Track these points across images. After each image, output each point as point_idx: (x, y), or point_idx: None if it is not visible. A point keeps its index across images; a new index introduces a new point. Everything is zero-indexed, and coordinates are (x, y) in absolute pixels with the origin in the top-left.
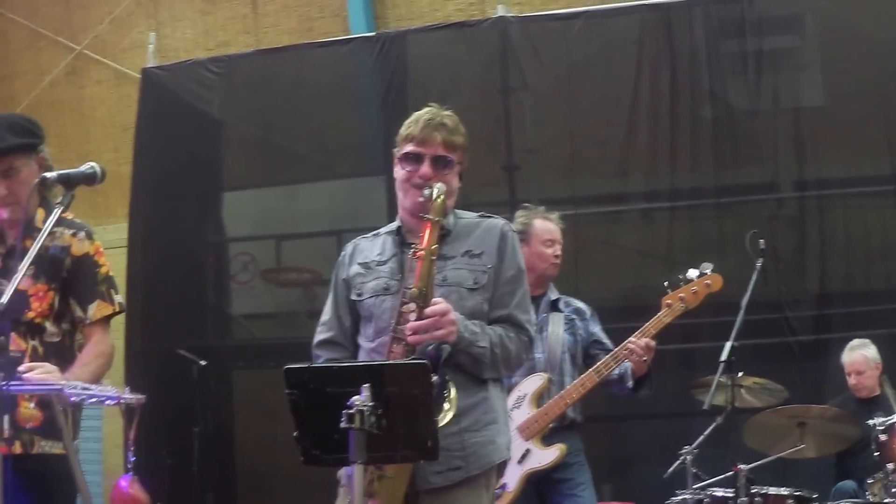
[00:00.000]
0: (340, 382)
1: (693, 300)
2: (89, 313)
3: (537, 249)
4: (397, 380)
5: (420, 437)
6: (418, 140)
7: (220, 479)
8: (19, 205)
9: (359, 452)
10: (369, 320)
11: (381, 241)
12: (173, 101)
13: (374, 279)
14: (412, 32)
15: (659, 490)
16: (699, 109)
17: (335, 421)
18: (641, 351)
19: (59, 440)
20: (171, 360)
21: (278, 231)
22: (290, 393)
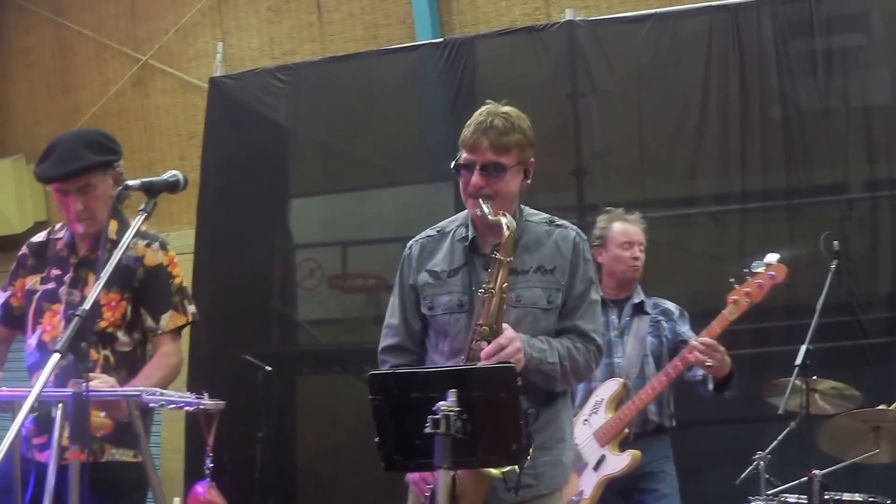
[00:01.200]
0: (425, 387)
1: (758, 294)
2: (161, 323)
3: (615, 253)
4: (483, 384)
5: (505, 441)
6: (469, 147)
7: (281, 484)
8: (94, 220)
9: (444, 457)
10: (444, 336)
11: (448, 246)
12: (240, 110)
13: (447, 293)
14: (480, 38)
15: (731, 497)
16: (768, 110)
17: (418, 426)
18: (702, 353)
19: (129, 448)
20: (235, 365)
21: (345, 237)
22: (373, 398)
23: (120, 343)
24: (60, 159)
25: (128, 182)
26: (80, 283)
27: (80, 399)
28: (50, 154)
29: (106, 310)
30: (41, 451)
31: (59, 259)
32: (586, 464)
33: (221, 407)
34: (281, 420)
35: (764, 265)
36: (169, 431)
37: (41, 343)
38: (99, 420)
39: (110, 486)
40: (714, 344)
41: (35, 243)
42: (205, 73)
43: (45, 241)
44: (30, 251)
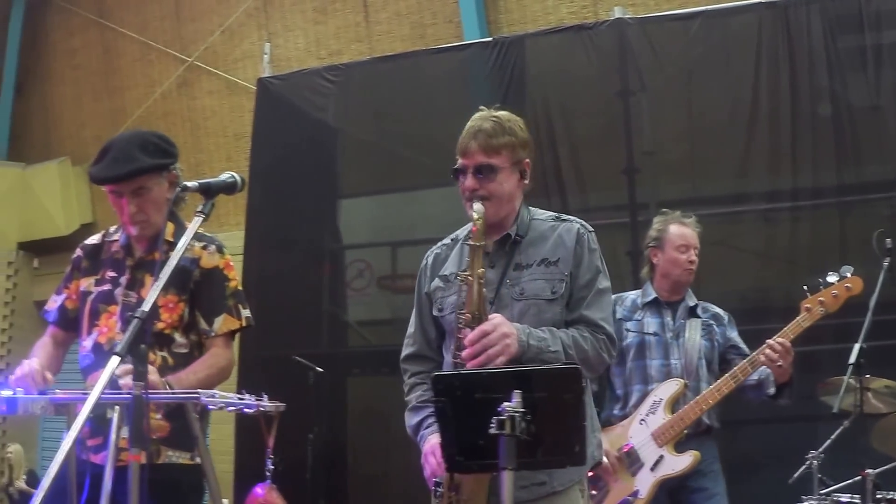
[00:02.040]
0: (488, 388)
1: (833, 304)
2: (214, 326)
3: (671, 255)
4: (547, 384)
5: (569, 442)
6: (461, 151)
7: (332, 485)
8: (148, 222)
9: (509, 458)
10: (452, 336)
11: (458, 250)
12: (288, 110)
13: (454, 294)
14: (529, 37)
15: (783, 496)
16: (819, 107)
17: (481, 427)
18: (777, 355)
19: (185, 450)
20: (285, 366)
21: (394, 238)
22: (437, 400)
23: (177, 345)
24: (115, 161)
25: (185, 183)
26: (137, 285)
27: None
28: (105, 155)
29: (163, 311)
30: (96, 452)
31: (115, 261)
32: (643, 464)
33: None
34: (331, 421)
35: (840, 276)
36: (217, 433)
37: (97, 345)
38: (156, 422)
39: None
40: (790, 347)
41: (89, 245)
42: (251, 73)
43: (99, 243)
44: (84, 253)
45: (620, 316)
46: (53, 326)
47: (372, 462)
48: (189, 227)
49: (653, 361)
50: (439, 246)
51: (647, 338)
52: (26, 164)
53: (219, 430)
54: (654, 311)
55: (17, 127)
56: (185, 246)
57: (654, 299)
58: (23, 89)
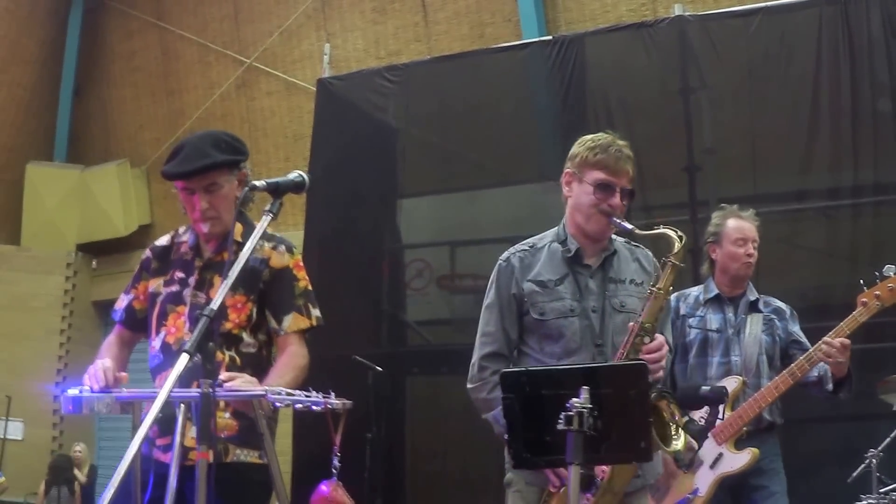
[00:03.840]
0: (556, 385)
1: (890, 297)
2: (284, 325)
3: (729, 250)
4: (614, 381)
5: (634, 438)
6: (612, 170)
7: (390, 484)
8: (219, 219)
9: (576, 454)
10: (556, 340)
11: (547, 258)
12: (348, 110)
13: (557, 300)
14: (589, 35)
15: (842, 495)
16: (879, 103)
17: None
18: (836, 351)
19: (253, 449)
20: (345, 366)
21: (453, 238)
22: (505, 397)
23: (245, 344)
24: (187, 158)
25: (254, 182)
26: (206, 286)
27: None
28: (177, 153)
29: (231, 311)
30: (164, 451)
31: (184, 262)
32: (702, 462)
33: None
34: (390, 420)
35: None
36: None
37: (165, 345)
38: (224, 421)
39: (235, 487)
40: (849, 344)
41: (159, 247)
42: (310, 74)
43: (168, 244)
44: (153, 254)
45: (684, 312)
46: (120, 326)
47: (430, 461)
48: (258, 227)
49: (713, 359)
50: (518, 251)
51: (710, 334)
52: (85, 167)
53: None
54: (717, 307)
55: (77, 129)
56: (254, 245)
57: (716, 295)
58: (81, 92)
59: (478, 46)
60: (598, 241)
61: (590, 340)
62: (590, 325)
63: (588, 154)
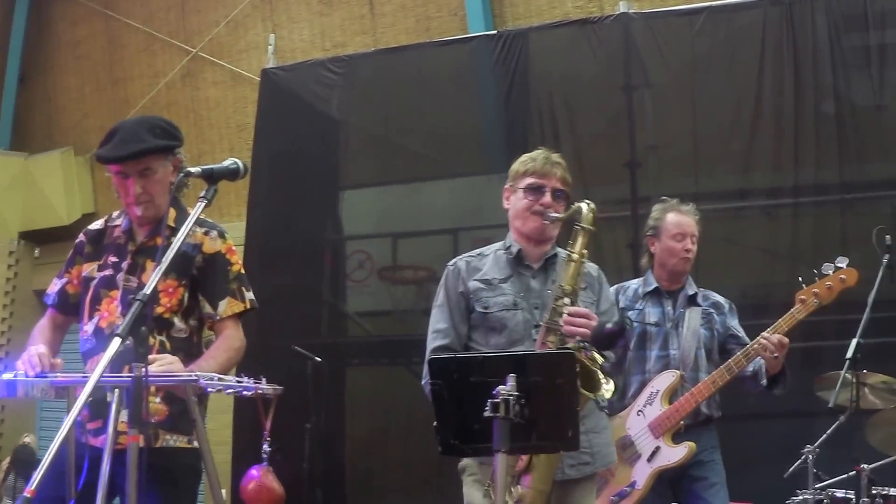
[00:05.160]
0: (484, 372)
1: (827, 295)
2: (219, 310)
3: (667, 244)
4: (542, 369)
5: (562, 426)
6: (540, 174)
7: (329, 474)
8: (153, 203)
9: (503, 441)
10: (499, 331)
11: (492, 261)
12: (292, 101)
13: (501, 295)
14: (533, 30)
15: (779, 490)
16: (822, 105)
17: (477, 411)
18: (773, 347)
19: (183, 434)
20: (285, 356)
21: (395, 229)
22: (433, 383)
23: (176, 329)
24: (122, 142)
25: (188, 168)
26: (138, 270)
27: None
28: (112, 137)
29: (163, 296)
30: (95, 435)
31: (117, 246)
32: (640, 455)
33: (279, 392)
34: (329, 411)
35: (835, 267)
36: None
37: (98, 329)
38: (154, 406)
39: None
40: (786, 342)
41: (92, 231)
42: (255, 65)
43: (102, 228)
44: (87, 238)
45: (623, 305)
46: (52, 310)
47: (370, 452)
48: (192, 213)
49: (651, 352)
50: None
51: (649, 328)
52: (29, 154)
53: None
54: (655, 300)
55: (21, 117)
56: (188, 231)
57: (654, 289)
58: (26, 79)
59: (424, 40)
60: (538, 242)
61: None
62: (532, 319)
63: (519, 167)
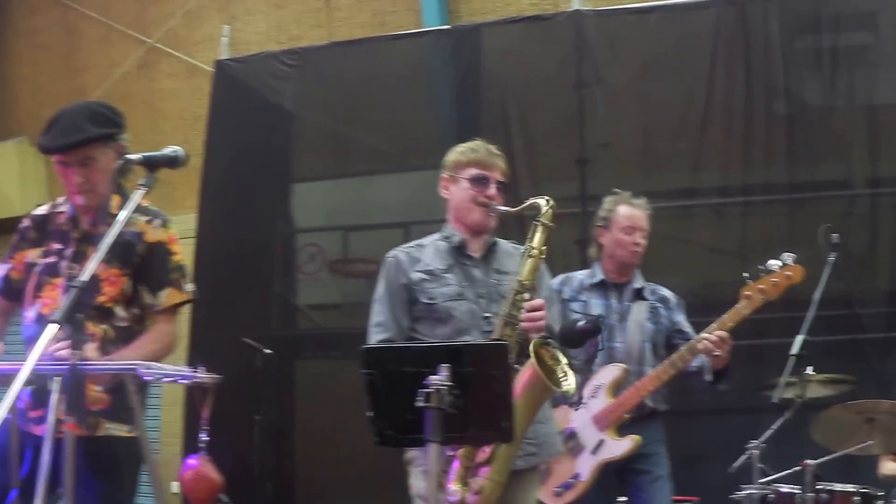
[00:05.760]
0: (418, 362)
1: (773, 292)
2: (159, 300)
3: (616, 236)
4: (476, 360)
5: (496, 417)
6: (484, 165)
7: (279, 467)
8: (94, 192)
9: (435, 432)
10: (445, 322)
11: (432, 251)
12: (246, 93)
13: (445, 286)
14: (486, 26)
15: (724, 485)
16: (773, 105)
17: (411, 401)
18: (713, 345)
19: (124, 423)
20: (235, 348)
21: (347, 223)
22: (367, 373)
23: (118, 318)
24: (62, 131)
25: (128, 156)
26: (81, 258)
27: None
28: (53, 125)
29: (105, 285)
30: (38, 424)
31: (61, 233)
32: (584, 447)
33: (217, 381)
34: (279, 403)
35: (781, 264)
36: (169, 415)
37: (40, 316)
38: (96, 394)
39: (106, 460)
40: (727, 337)
41: (37, 216)
42: (211, 56)
43: (47, 214)
44: (32, 223)
45: (567, 296)
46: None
47: (320, 444)
48: (131, 200)
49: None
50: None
51: None
52: None
53: (171, 412)
54: (601, 292)
55: None
56: (127, 218)
57: (601, 281)
58: None
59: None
60: (480, 233)
61: (479, 322)
62: (478, 309)
63: (461, 157)
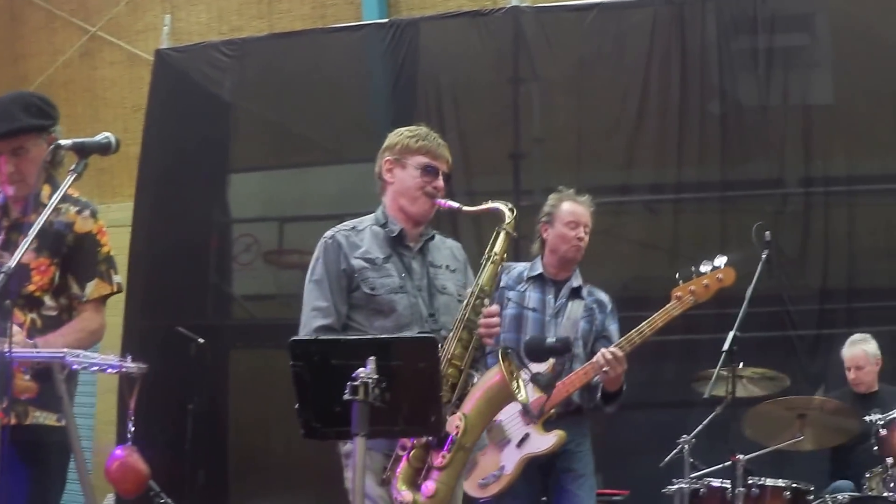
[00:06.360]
0: (346, 355)
1: (704, 294)
2: (86, 291)
3: (560, 231)
4: (404, 353)
5: (425, 411)
6: (434, 154)
7: (212, 456)
8: (25, 182)
9: (361, 425)
10: (387, 315)
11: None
12: (185, 83)
13: (386, 276)
14: (425, 20)
15: (655, 479)
16: (708, 105)
17: (338, 394)
18: (605, 362)
19: (53, 411)
20: (169, 337)
21: (282, 213)
22: (294, 365)
23: (46, 307)
24: None
25: (59, 142)
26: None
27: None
28: None
29: (35, 274)
30: None
31: None
32: (509, 440)
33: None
34: (213, 393)
35: (713, 266)
36: (104, 403)
37: None
38: (24, 383)
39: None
40: (622, 358)
41: None
42: (153, 46)
43: None
44: None
45: (504, 284)
46: None
47: (253, 434)
48: (61, 186)
49: (526, 336)
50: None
51: (526, 312)
52: None
53: (106, 400)
54: (538, 286)
55: None
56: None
57: (539, 274)
58: None
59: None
60: (419, 224)
61: (420, 316)
62: (418, 303)
63: (409, 142)
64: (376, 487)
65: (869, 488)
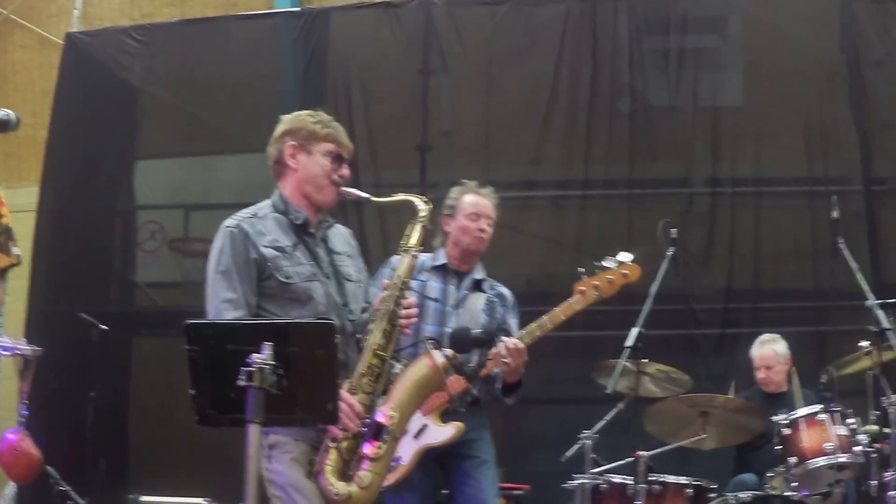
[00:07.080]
0: (242, 340)
1: (608, 289)
2: None
3: (461, 223)
4: (301, 339)
5: (321, 399)
6: (339, 142)
7: (113, 444)
8: None
9: (256, 412)
10: (304, 303)
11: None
12: (94, 68)
13: (298, 265)
14: (336, 10)
15: (557, 474)
16: (618, 103)
17: (234, 380)
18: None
19: None
20: (72, 323)
21: (188, 201)
22: (189, 349)
23: None
24: None
25: None
26: None
27: None
28: None
29: None
30: None
31: None
32: (406, 431)
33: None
34: (115, 380)
35: (618, 262)
36: (7, 389)
37: None
38: None
39: None
40: (523, 350)
41: None
42: (64, 30)
43: None
44: None
45: None
46: None
47: (156, 422)
48: None
49: (426, 326)
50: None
51: (427, 301)
52: None
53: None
54: (440, 276)
55: None
56: None
57: (442, 265)
58: None
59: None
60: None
61: (335, 304)
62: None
63: (316, 128)
64: (304, 479)
65: (771, 487)
